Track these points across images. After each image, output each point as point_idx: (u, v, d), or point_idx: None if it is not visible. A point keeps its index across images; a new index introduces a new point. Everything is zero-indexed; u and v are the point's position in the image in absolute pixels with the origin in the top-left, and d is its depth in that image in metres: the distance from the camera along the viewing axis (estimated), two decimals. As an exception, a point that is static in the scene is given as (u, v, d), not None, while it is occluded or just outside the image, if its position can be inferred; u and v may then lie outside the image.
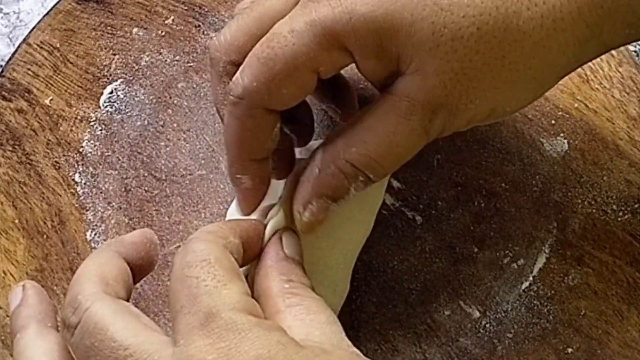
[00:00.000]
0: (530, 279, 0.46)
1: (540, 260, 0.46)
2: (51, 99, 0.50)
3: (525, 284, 0.46)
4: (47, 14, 0.52)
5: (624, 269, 0.46)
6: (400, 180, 0.47)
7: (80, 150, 0.49)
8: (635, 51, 0.52)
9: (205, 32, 0.52)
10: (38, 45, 0.52)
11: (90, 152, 0.49)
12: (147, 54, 0.51)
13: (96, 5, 0.52)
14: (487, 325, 0.45)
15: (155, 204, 0.48)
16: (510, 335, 0.45)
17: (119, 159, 0.49)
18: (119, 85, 0.51)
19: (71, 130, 0.50)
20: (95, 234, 0.47)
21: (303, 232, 0.38)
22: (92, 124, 0.50)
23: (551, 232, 0.46)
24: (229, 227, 0.36)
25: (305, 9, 0.35)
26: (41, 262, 0.47)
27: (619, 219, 0.47)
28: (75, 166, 0.49)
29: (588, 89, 0.49)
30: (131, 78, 0.51)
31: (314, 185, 0.37)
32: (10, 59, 0.52)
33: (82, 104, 0.50)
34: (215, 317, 0.31)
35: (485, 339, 0.45)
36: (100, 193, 0.48)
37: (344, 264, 0.43)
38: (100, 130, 0.50)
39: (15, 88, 0.51)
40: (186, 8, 0.52)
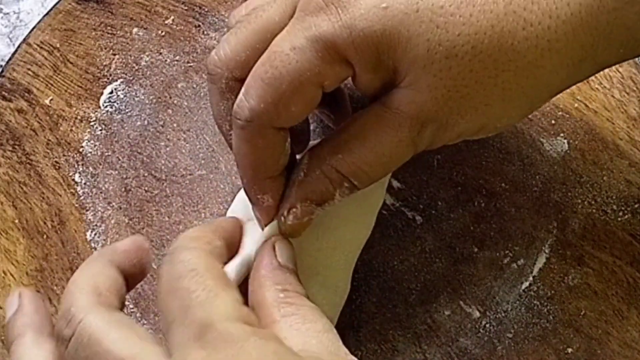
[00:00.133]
0: (530, 279, 0.46)
1: (540, 260, 0.46)
2: (51, 99, 0.50)
3: (525, 284, 0.46)
4: (47, 14, 0.52)
5: (624, 269, 0.46)
6: (400, 180, 0.47)
7: (80, 150, 0.49)
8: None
9: (205, 32, 0.52)
10: (38, 45, 0.52)
11: (90, 152, 0.49)
12: (147, 54, 0.51)
13: (96, 5, 0.52)
14: (487, 325, 0.45)
15: (155, 204, 0.48)
16: (510, 335, 0.45)
17: (119, 159, 0.49)
18: (119, 85, 0.51)
19: (71, 130, 0.50)
20: (95, 234, 0.47)
21: (287, 236, 0.38)
22: (92, 124, 0.50)
23: (551, 232, 0.46)
24: (211, 230, 0.35)
25: (303, 23, 0.35)
26: (41, 262, 0.47)
27: (619, 219, 0.47)
28: (75, 166, 0.49)
29: (588, 89, 0.49)
30: (131, 78, 0.51)
31: (299, 189, 0.37)
32: (10, 59, 0.52)
33: (82, 104, 0.50)
34: (210, 329, 0.30)
35: (485, 339, 0.45)
36: (100, 193, 0.48)
37: (345, 265, 0.43)
38: (100, 130, 0.50)
39: (15, 88, 0.51)
40: (186, 8, 0.52)
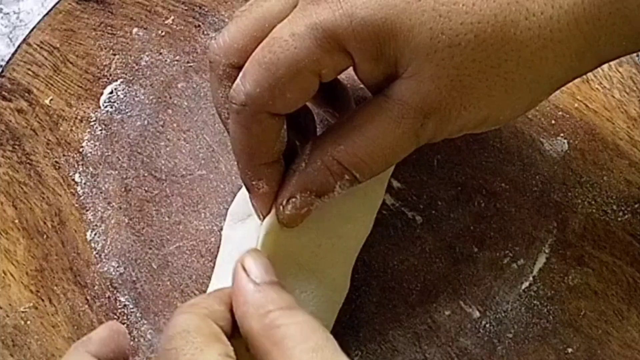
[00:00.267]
0: (530, 279, 0.46)
1: (540, 260, 0.46)
2: (51, 99, 0.50)
3: (525, 284, 0.46)
4: (47, 14, 0.52)
5: (624, 269, 0.46)
6: (400, 180, 0.47)
7: (80, 150, 0.49)
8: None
9: (205, 32, 0.52)
10: (38, 45, 0.52)
11: (90, 152, 0.49)
12: (147, 54, 0.51)
13: (96, 5, 0.52)
14: (487, 325, 0.45)
15: (155, 204, 0.48)
16: (510, 335, 0.45)
17: (119, 159, 0.49)
18: (119, 85, 0.51)
19: (71, 130, 0.50)
20: (95, 234, 0.47)
21: (285, 226, 0.38)
22: (92, 124, 0.50)
23: (551, 232, 0.46)
24: (212, 296, 0.35)
25: (305, 12, 0.35)
26: (41, 262, 0.47)
27: (619, 219, 0.47)
28: (75, 166, 0.49)
29: (588, 89, 0.49)
30: (131, 78, 0.51)
31: (299, 179, 0.37)
32: (10, 59, 0.51)
33: (82, 104, 0.50)
34: None
35: (485, 339, 0.45)
36: (100, 193, 0.48)
37: (344, 262, 0.43)
38: (100, 130, 0.50)
39: (15, 88, 0.51)
40: (186, 8, 0.52)
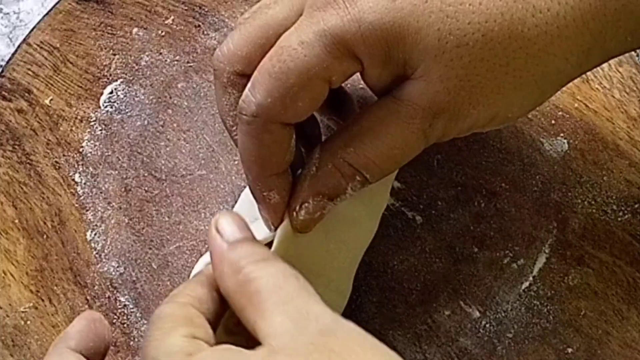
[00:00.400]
0: (530, 279, 0.46)
1: (540, 260, 0.46)
2: (51, 99, 0.50)
3: (525, 284, 0.46)
4: (47, 14, 0.52)
5: (624, 269, 0.46)
6: (400, 180, 0.47)
7: (80, 150, 0.49)
8: (635, 51, 0.52)
9: (205, 32, 0.52)
10: (38, 45, 0.52)
11: (90, 152, 0.49)
12: (147, 54, 0.51)
13: (96, 5, 0.52)
14: (487, 325, 0.45)
15: (155, 204, 0.48)
16: (510, 335, 0.45)
17: (119, 159, 0.49)
18: (119, 85, 0.51)
19: (71, 130, 0.50)
20: (95, 234, 0.47)
21: (299, 231, 0.38)
22: (92, 124, 0.50)
23: (551, 232, 0.46)
24: (194, 281, 0.35)
25: (312, 19, 0.35)
26: (41, 262, 0.47)
27: (619, 219, 0.46)
28: (75, 166, 0.49)
29: (588, 89, 0.49)
30: (131, 78, 0.51)
31: (311, 184, 0.37)
32: (10, 59, 0.51)
33: (82, 104, 0.50)
34: None
35: (485, 339, 0.45)
36: (100, 193, 0.48)
37: (349, 267, 0.43)
38: (100, 130, 0.50)
39: (15, 88, 0.51)
40: (186, 8, 0.52)
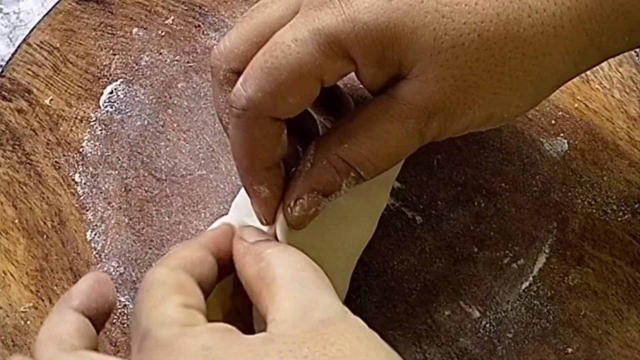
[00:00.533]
0: (530, 279, 0.46)
1: (540, 260, 0.46)
2: (51, 99, 0.50)
3: (525, 284, 0.46)
4: (47, 14, 0.52)
5: (624, 269, 0.46)
6: (400, 180, 0.47)
7: (80, 150, 0.49)
8: (635, 51, 0.52)
9: (205, 32, 0.52)
10: (38, 45, 0.52)
11: (90, 152, 0.49)
12: (147, 54, 0.51)
13: (96, 5, 0.52)
14: (487, 325, 0.45)
15: (155, 204, 0.48)
16: (510, 335, 0.45)
17: (119, 159, 0.49)
18: (119, 85, 0.51)
19: (71, 130, 0.50)
20: (95, 234, 0.47)
21: (293, 228, 0.38)
22: (92, 124, 0.50)
23: (551, 232, 0.46)
24: (192, 243, 0.36)
25: (307, 17, 0.35)
26: (41, 262, 0.47)
27: (619, 219, 0.46)
28: (75, 166, 0.49)
29: (588, 89, 0.49)
30: (131, 78, 0.51)
31: (305, 180, 0.37)
32: (10, 59, 0.52)
33: (82, 104, 0.50)
34: (146, 336, 0.31)
35: (485, 339, 0.45)
36: (100, 193, 0.48)
37: (345, 267, 0.43)
38: (100, 130, 0.50)
39: (15, 88, 0.51)
40: (186, 8, 0.52)
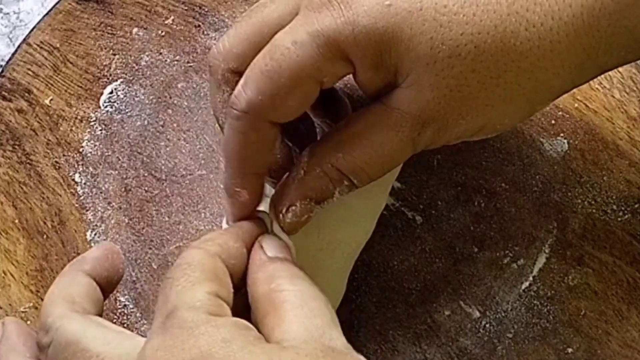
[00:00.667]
0: (530, 279, 0.46)
1: (540, 260, 0.46)
2: (51, 99, 0.50)
3: (525, 284, 0.46)
4: (47, 14, 0.52)
5: (624, 269, 0.46)
6: (400, 180, 0.47)
7: (80, 150, 0.49)
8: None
9: (205, 32, 0.52)
10: (38, 45, 0.52)
11: (90, 152, 0.49)
12: (147, 54, 0.51)
13: (96, 5, 0.52)
14: (487, 325, 0.45)
15: (155, 204, 0.48)
16: (510, 335, 0.45)
17: (119, 159, 0.49)
18: (119, 85, 0.51)
19: (71, 130, 0.50)
20: (95, 234, 0.47)
21: (286, 233, 0.38)
22: (92, 124, 0.50)
23: (551, 232, 0.46)
24: (230, 232, 0.36)
25: (306, 19, 0.35)
26: (41, 262, 0.47)
27: (619, 219, 0.47)
28: (75, 166, 0.49)
29: (588, 89, 0.49)
30: (131, 78, 0.51)
31: (298, 187, 0.37)
32: (10, 59, 0.52)
33: (82, 104, 0.50)
34: (172, 315, 0.31)
35: (485, 339, 0.45)
36: (100, 193, 0.48)
37: (342, 267, 0.43)
38: (100, 130, 0.50)
39: (15, 88, 0.51)
40: (186, 8, 0.52)
